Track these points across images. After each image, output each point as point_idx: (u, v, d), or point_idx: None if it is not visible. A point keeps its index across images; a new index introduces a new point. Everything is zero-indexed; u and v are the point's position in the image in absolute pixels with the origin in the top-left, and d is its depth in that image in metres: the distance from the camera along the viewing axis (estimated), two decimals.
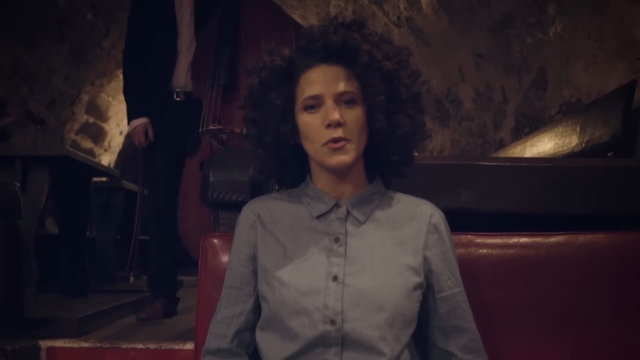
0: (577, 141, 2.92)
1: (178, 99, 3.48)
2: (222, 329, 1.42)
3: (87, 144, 7.30)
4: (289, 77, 1.37)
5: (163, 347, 2.89)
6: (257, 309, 1.42)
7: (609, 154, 2.68)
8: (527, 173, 2.00)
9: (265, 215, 1.43)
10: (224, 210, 2.05)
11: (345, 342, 1.30)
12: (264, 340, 1.39)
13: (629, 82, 2.64)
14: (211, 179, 2.04)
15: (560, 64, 3.39)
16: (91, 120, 7.19)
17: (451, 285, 1.39)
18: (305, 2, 6.19)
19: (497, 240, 1.65)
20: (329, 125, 1.29)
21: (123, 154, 8.53)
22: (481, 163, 2.03)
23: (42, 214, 3.74)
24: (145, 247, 4.44)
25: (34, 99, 5.72)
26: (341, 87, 1.31)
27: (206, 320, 1.57)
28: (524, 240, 1.65)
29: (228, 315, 1.42)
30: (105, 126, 7.64)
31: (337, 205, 1.39)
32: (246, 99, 1.45)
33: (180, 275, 4.00)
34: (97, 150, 7.64)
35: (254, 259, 1.41)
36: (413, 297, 1.33)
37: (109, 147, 7.99)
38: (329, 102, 1.31)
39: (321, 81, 1.32)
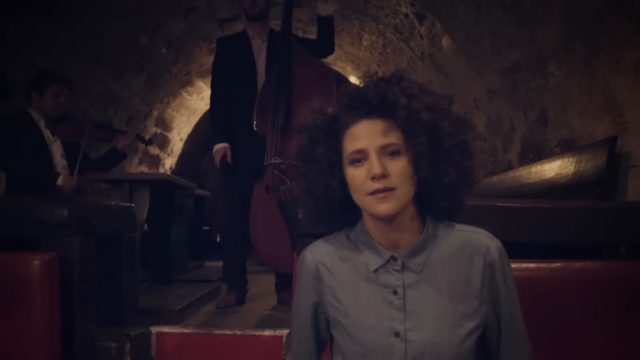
0: (572, 175, 3.05)
1: (257, 129, 3.63)
2: (297, 347, 1.42)
3: (155, 150, 7.47)
4: (335, 133, 1.29)
5: (247, 333, 3.07)
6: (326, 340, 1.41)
7: (596, 190, 2.81)
8: (533, 212, 2.07)
9: (327, 265, 1.34)
10: (310, 238, 2.04)
11: None
12: None
13: (612, 137, 2.78)
14: (299, 216, 2.09)
15: (559, 108, 3.47)
16: (159, 131, 7.35)
17: (494, 323, 1.29)
18: (341, 34, 6.31)
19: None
20: (373, 178, 1.20)
21: (182, 157, 8.67)
22: (498, 204, 2.10)
23: None
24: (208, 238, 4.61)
25: (117, 117, 5.94)
26: (384, 140, 1.22)
27: None
28: (532, 265, 1.75)
29: (306, 349, 1.40)
30: (169, 135, 7.80)
31: (392, 258, 1.28)
32: (298, 155, 1.38)
33: None
34: (162, 155, 7.80)
35: (320, 304, 1.35)
36: (470, 341, 1.25)
37: (171, 152, 8.14)
38: (373, 156, 1.21)
39: (364, 135, 1.23)
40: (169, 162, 8.16)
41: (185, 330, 3.15)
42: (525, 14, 3.45)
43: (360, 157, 1.23)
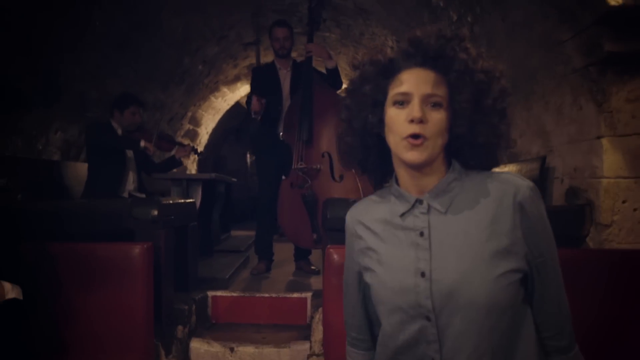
0: None
1: (282, 139, 3.91)
2: (348, 318, 1.31)
3: (186, 142, 7.65)
4: (387, 73, 1.13)
5: (280, 296, 3.30)
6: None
7: None
8: None
9: (362, 221, 1.21)
10: (335, 232, 2.20)
11: (442, 337, 1.06)
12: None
13: (543, 156, 3.02)
14: (328, 216, 2.29)
15: None
16: (191, 127, 7.51)
17: (531, 267, 1.08)
18: (339, 55, 6.50)
19: None
20: (411, 121, 1.06)
21: (207, 147, 8.79)
22: None
23: None
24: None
25: (162, 120, 6.13)
26: (430, 90, 1.07)
27: (330, 292, 1.88)
28: None
29: (350, 300, 1.28)
30: (199, 130, 7.94)
31: (418, 201, 1.13)
32: (347, 89, 1.22)
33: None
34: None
35: (359, 261, 1.23)
36: (504, 282, 1.03)
37: (200, 143, 8.24)
38: (416, 101, 1.07)
39: (413, 81, 1.09)
40: None
41: (234, 294, 3.39)
42: None
43: (403, 100, 1.10)
